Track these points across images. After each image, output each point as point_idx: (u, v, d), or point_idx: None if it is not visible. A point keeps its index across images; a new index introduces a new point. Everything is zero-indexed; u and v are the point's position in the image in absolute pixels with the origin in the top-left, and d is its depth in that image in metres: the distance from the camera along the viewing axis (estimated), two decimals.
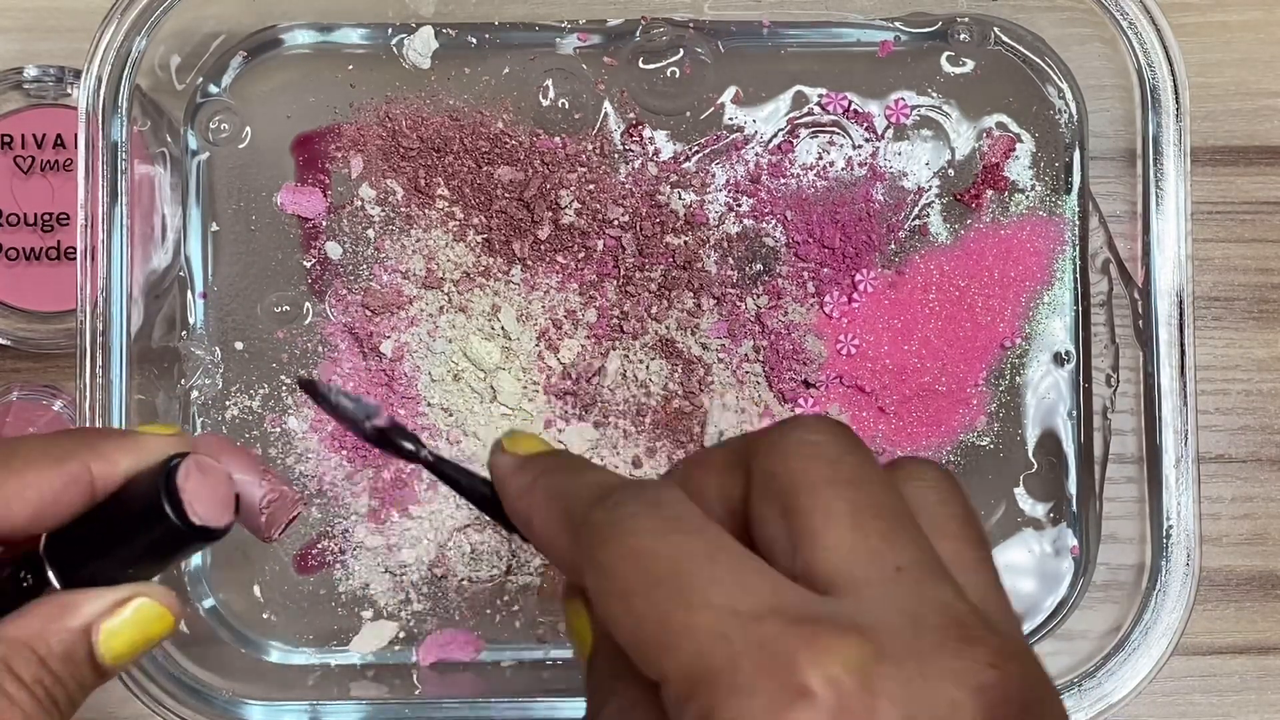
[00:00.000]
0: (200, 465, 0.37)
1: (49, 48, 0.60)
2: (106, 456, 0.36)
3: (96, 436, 0.37)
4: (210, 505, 0.36)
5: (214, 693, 0.53)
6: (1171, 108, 0.55)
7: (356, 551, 0.57)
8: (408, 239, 0.58)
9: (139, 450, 0.37)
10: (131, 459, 0.37)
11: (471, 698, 0.55)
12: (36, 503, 0.35)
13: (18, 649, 0.36)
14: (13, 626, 0.36)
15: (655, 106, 0.58)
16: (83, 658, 0.36)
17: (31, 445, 0.36)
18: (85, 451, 0.36)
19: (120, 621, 0.37)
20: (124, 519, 0.36)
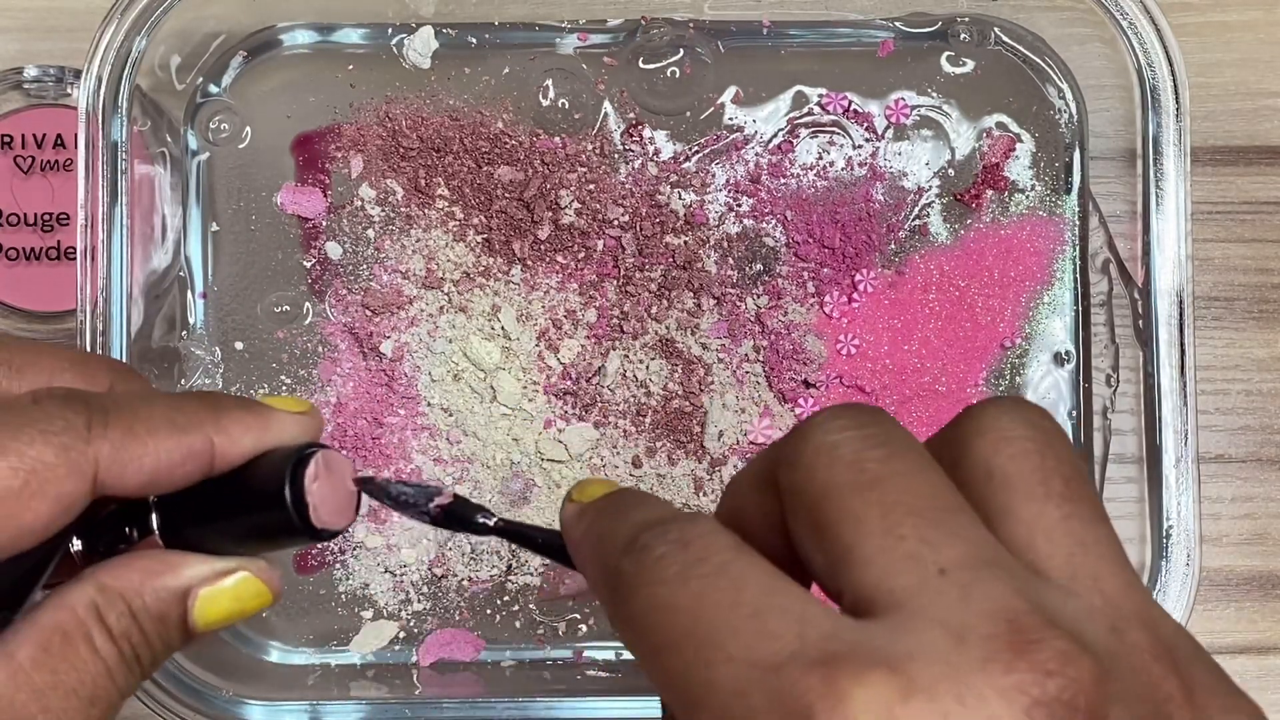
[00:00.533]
0: (329, 464, 0.36)
1: (49, 48, 0.60)
2: (230, 432, 0.35)
3: (223, 409, 0.35)
4: (332, 508, 0.35)
5: (214, 693, 0.53)
6: (1171, 107, 0.55)
7: (356, 551, 0.57)
8: (408, 239, 0.58)
9: (265, 430, 0.36)
10: (255, 437, 0.35)
11: (471, 698, 0.55)
12: (152, 471, 0.34)
13: (113, 599, 0.35)
14: (111, 575, 0.35)
15: (655, 106, 0.58)
16: (175, 620, 0.35)
17: (156, 410, 0.34)
18: (210, 425, 0.35)
19: (219, 590, 0.36)
20: (242, 499, 0.35)
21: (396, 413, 0.57)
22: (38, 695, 0.33)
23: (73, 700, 0.34)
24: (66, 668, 0.34)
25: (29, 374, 0.36)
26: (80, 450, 0.32)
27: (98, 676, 0.34)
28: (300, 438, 0.36)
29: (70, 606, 0.34)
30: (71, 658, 0.34)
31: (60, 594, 0.35)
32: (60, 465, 0.32)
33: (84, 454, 0.32)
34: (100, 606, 0.34)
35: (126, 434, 0.33)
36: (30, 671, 0.33)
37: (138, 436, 0.33)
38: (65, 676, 0.34)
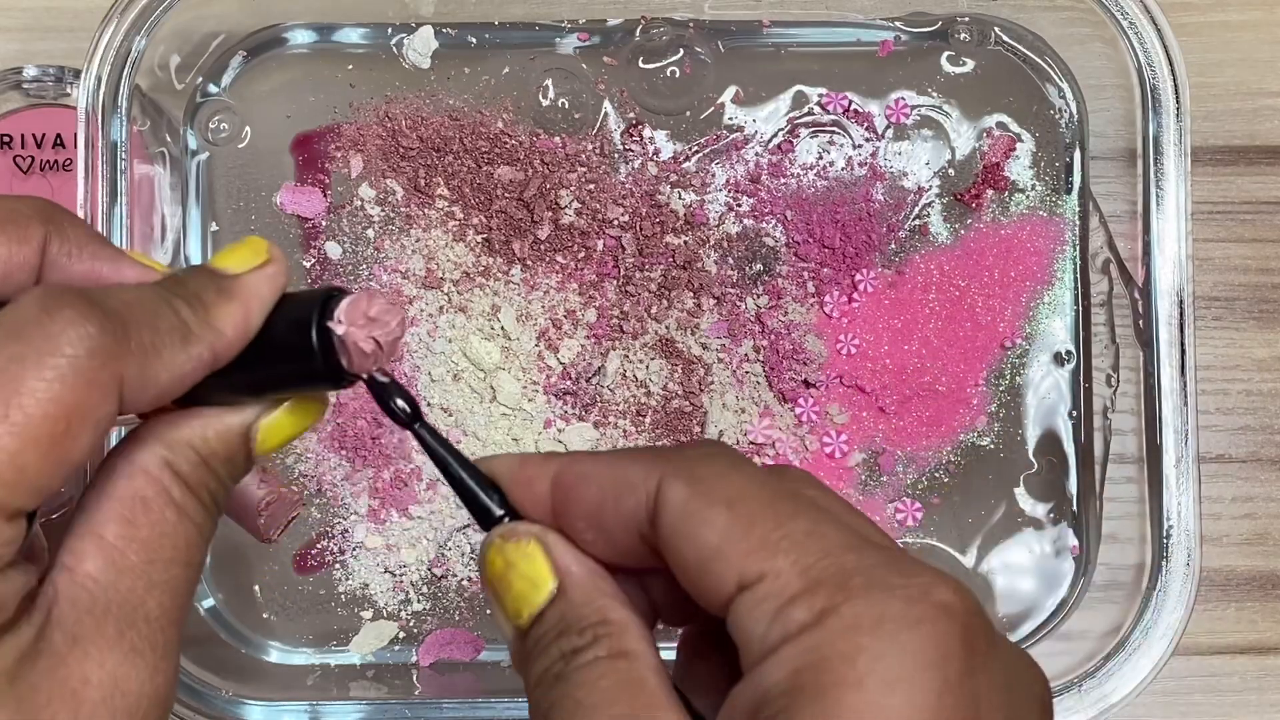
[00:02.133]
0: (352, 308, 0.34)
1: (48, 47, 0.60)
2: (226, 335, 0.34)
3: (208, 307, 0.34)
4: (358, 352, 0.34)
5: (214, 693, 0.53)
6: (1172, 107, 0.55)
7: (356, 551, 0.57)
8: (407, 239, 0.58)
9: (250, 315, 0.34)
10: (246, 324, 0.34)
11: (471, 698, 0.55)
12: (168, 385, 0.33)
13: (182, 450, 0.34)
14: (171, 429, 0.34)
15: (655, 106, 0.58)
16: (242, 457, 0.35)
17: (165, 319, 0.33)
18: (208, 332, 0.33)
19: (278, 416, 0.35)
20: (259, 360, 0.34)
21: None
22: (141, 575, 0.32)
23: (174, 569, 0.33)
24: (157, 537, 0.33)
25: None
26: (109, 373, 0.31)
27: (188, 534, 0.34)
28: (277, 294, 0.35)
29: (143, 469, 0.33)
30: (158, 524, 0.33)
31: (127, 459, 0.34)
32: (93, 395, 0.30)
33: (112, 376, 0.31)
34: (171, 461, 0.34)
35: (145, 352, 0.32)
36: (125, 551, 0.32)
37: (156, 352, 0.32)
38: (160, 549, 0.33)
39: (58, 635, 0.31)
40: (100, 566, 0.32)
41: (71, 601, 0.32)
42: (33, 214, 0.34)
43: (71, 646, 0.31)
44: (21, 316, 0.30)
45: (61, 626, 0.31)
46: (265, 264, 0.35)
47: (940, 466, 0.58)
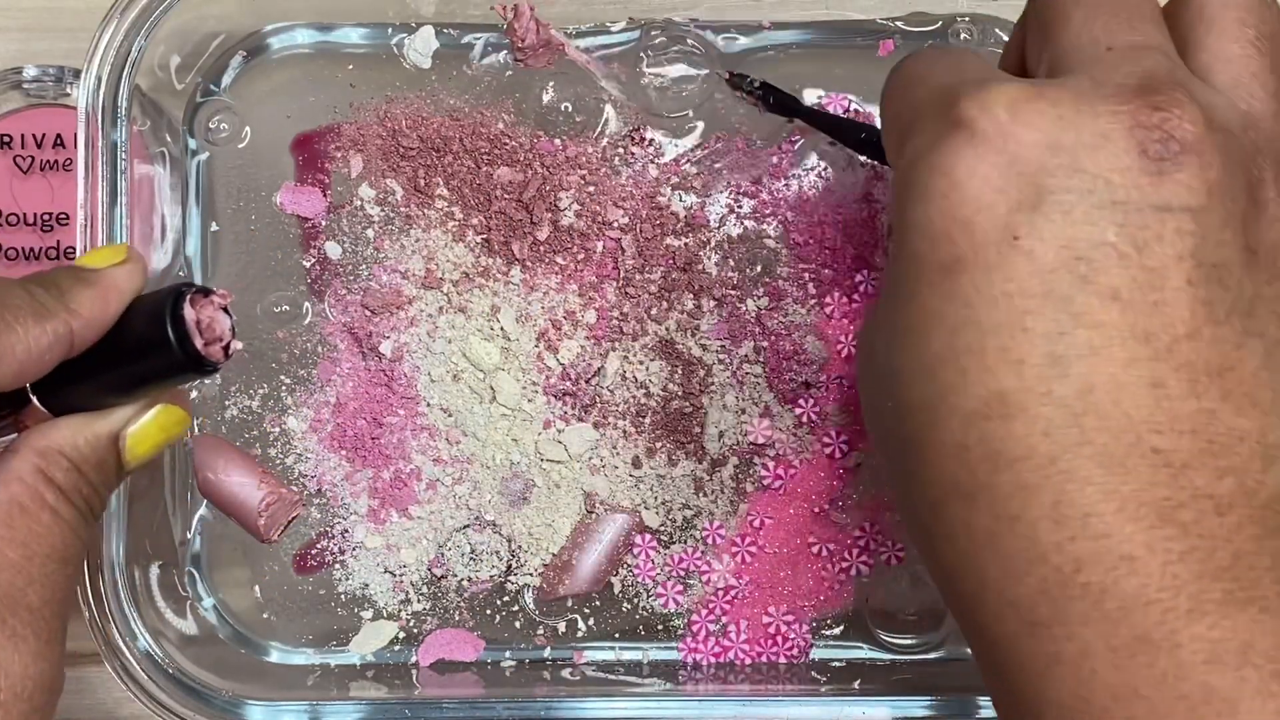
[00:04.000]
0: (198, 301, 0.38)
1: (48, 47, 0.60)
2: (83, 315, 0.36)
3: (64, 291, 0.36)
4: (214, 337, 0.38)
5: (214, 693, 0.53)
6: None
7: (356, 552, 0.57)
8: (407, 239, 0.58)
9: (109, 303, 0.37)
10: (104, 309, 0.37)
11: (471, 698, 0.55)
12: (23, 362, 0.35)
13: (54, 458, 0.36)
14: (42, 438, 0.36)
15: (656, 108, 0.58)
16: (112, 463, 0.37)
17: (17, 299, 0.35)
18: (64, 311, 0.36)
19: (144, 425, 0.38)
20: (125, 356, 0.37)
21: (396, 413, 0.57)
22: (20, 570, 0.34)
23: (51, 564, 0.35)
24: (34, 537, 0.35)
25: None
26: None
27: (65, 535, 0.36)
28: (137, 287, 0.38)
29: (18, 477, 0.35)
30: (35, 525, 0.35)
31: (4, 468, 0.35)
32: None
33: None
34: (44, 469, 0.36)
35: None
36: (3, 550, 0.34)
37: (9, 327, 0.34)
38: (38, 546, 0.35)
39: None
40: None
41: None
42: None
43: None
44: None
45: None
46: (124, 261, 0.38)
47: None
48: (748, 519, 0.57)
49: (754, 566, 0.57)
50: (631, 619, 0.58)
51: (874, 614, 0.58)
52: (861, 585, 0.57)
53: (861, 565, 0.57)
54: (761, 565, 0.57)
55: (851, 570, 0.57)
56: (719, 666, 0.57)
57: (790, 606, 0.57)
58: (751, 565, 0.57)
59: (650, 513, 0.57)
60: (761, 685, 0.56)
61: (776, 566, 0.57)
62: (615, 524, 0.57)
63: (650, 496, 0.57)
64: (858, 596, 0.57)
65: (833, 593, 0.57)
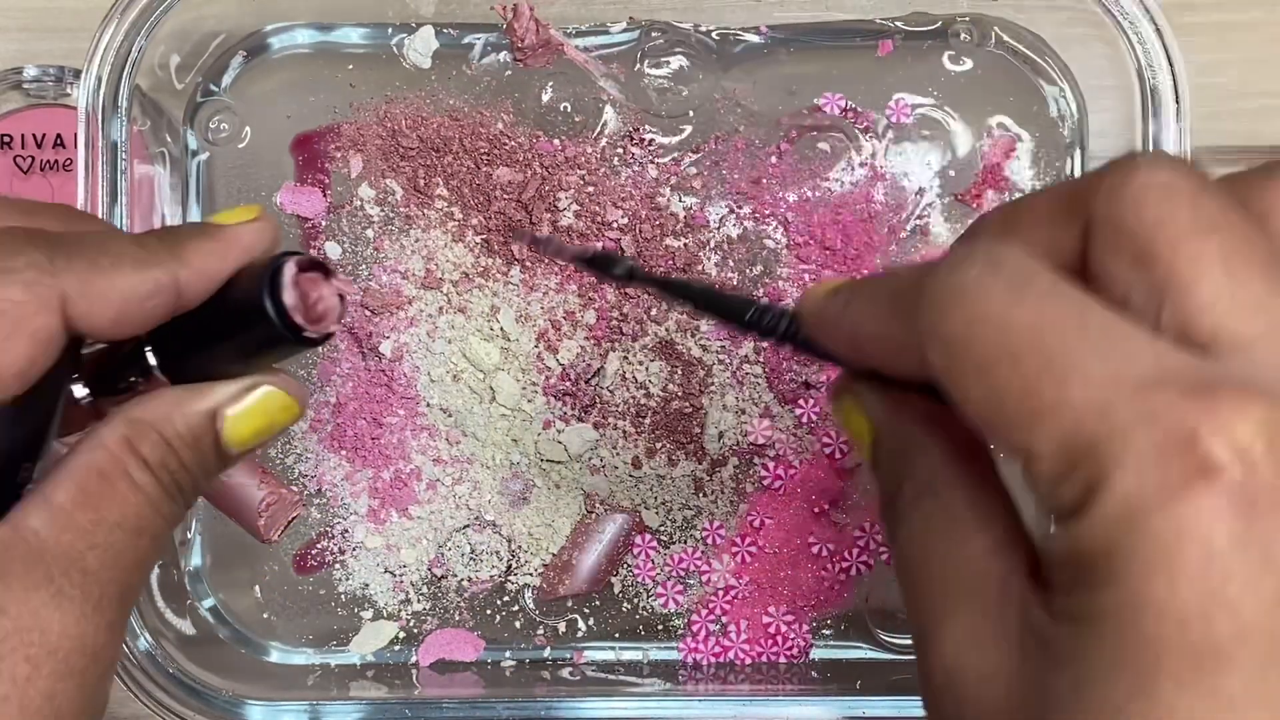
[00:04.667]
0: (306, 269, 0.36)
1: (48, 47, 0.60)
2: (192, 263, 0.35)
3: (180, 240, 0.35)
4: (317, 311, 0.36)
5: (214, 693, 0.53)
6: (1172, 108, 0.55)
7: (356, 552, 0.57)
8: (407, 239, 0.58)
9: (226, 252, 0.36)
10: (218, 261, 0.35)
11: (471, 698, 0.55)
12: (120, 304, 0.34)
13: (143, 431, 0.35)
14: (138, 409, 0.35)
15: (655, 108, 0.58)
16: (208, 444, 0.36)
17: (117, 245, 0.34)
18: (170, 258, 0.34)
19: (246, 407, 0.36)
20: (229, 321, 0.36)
21: (396, 413, 0.57)
22: (84, 534, 0.33)
23: (118, 534, 0.34)
24: (108, 504, 0.34)
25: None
26: (47, 285, 0.32)
27: (140, 508, 0.35)
28: (259, 246, 0.36)
29: (103, 444, 0.34)
30: (111, 494, 0.34)
31: (92, 436, 0.35)
32: (29, 301, 0.32)
33: (50, 288, 0.32)
34: (132, 439, 0.35)
35: (91, 267, 0.33)
36: (72, 512, 0.33)
37: (102, 270, 0.33)
38: (108, 513, 0.34)
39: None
40: (43, 522, 0.33)
41: (5, 546, 0.32)
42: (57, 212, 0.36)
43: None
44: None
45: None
46: (253, 219, 0.36)
47: None
48: (748, 519, 0.57)
49: (754, 566, 0.57)
50: (631, 619, 0.58)
51: (874, 614, 0.58)
52: (861, 585, 0.57)
53: (861, 565, 0.57)
54: (761, 565, 0.57)
55: (851, 570, 0.57)
56: (719, 666, 0.57)
57: (790, 606, 0.57)
58: (751, 565, 0.57)
59: (650, 513, 0.57)
60: (761, 685, 0.56)
61: (776, 566, 0.57)
62: (615, 524, 0.57)
63: (650, 496, 0.57)
64: (858, 596, 0.57)
65: (833, 593, 0.57)
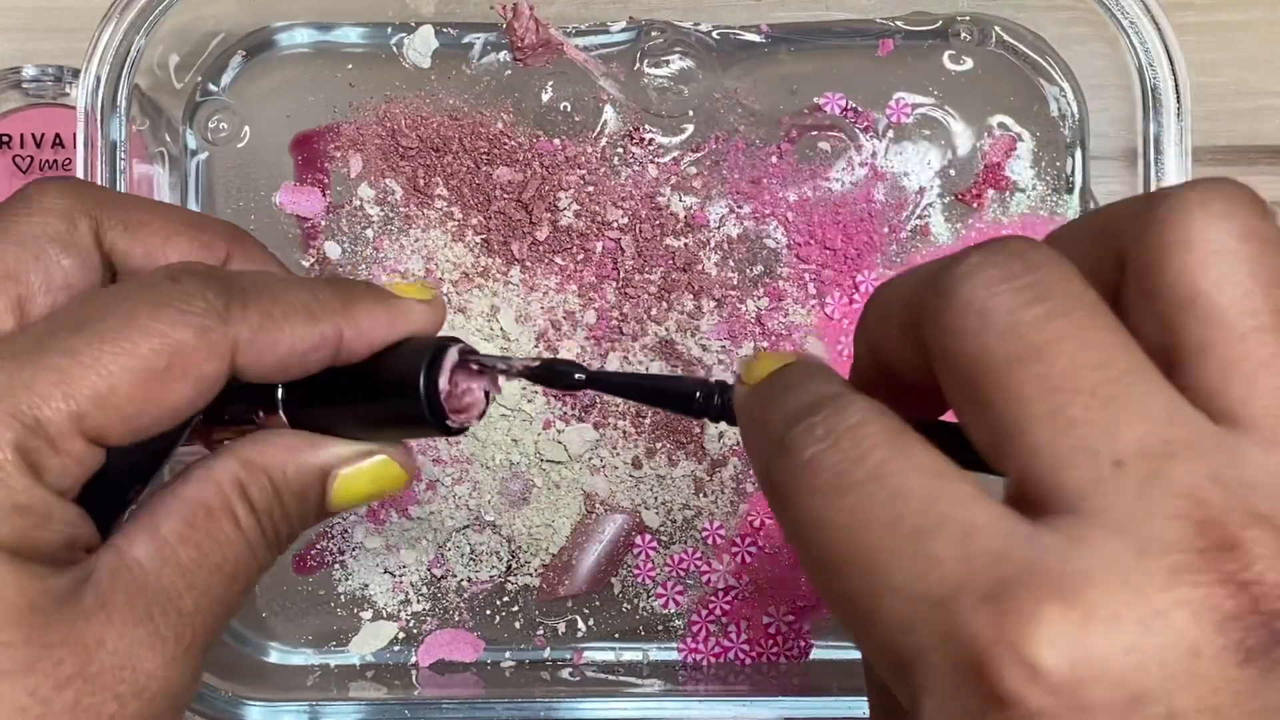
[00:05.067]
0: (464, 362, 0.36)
1: (47, 47, 0.60)
2: (359, 323, 0.35)
3: (354, 299, 0.35)
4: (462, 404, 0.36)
5: (213, 693, 0.53)
6: (1172, 107, 0.55)
7: (355, 552, 0.57)
8: (406, 239, 0.57)
9: (393, 322, 0.36)
10: (384, 329, 0.35)
11: (471, 698, 0.55)
12: (285, 356, 0.34)
13: (256, 474, 0.35)
14: (255, 450, 0.35)
15: (655, 107, 0.58)
16: (314, 497, 0.36)
17: (292, 295, 0.34)
18: (341, 314, 0.34)
19: (360, 471, 0.36)
20: (375, 388, 0.35)
21: None
22: (185, 573, 0.33)
23: (217, 577, 0.34)
24: (211, 544, 0.34)
25: (143, 234, 0.36)
26: (220, 332, 0.32)
27: (240, 552, 0.34)
28: (425, 327, 0.36)
29: (215, 480, 0.34)
30: (215, 533, 0.34)
31: (204, 468, 0.34)
32: (201, 348, 0.32)
33: (223, 336, 0.32)
34: (244, 481, 0.34)
35: (264, 317, 0.33)
36: (176, 547, 0.33)
37: (274, 320, 0.33)
38: (210, 553, 0.33)
39: (89, 595, 0.31)
40: (148, 554, 0.33)
41: (111, 574, 0.32)
42: (217, 227, 0.38)
43: (98, 608, 0.31)
44: (151, 276, 0.33)
45: (95, 589, 0.31)
46: (428, 300, 0.36)
47: None
48: (748, 519, 0.57)
49: (754, 566, 0.57)
50: (631, 619, 0.58)
51: None
52: None
53: None
54: (761, 565, 0.57)
55: None
56: (719, 666, 0.57)
57: (790, 606, 0.57)
58: (751, 565, 0.57)
59: (650, 513, 0.57)
60: (761, 685, 0.56)
61: (776, 566, 0.57)
62: (615, 524, 0.57)
63: (650, 496, 0.57)
64: None
65: None
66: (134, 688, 0.32)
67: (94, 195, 0.36)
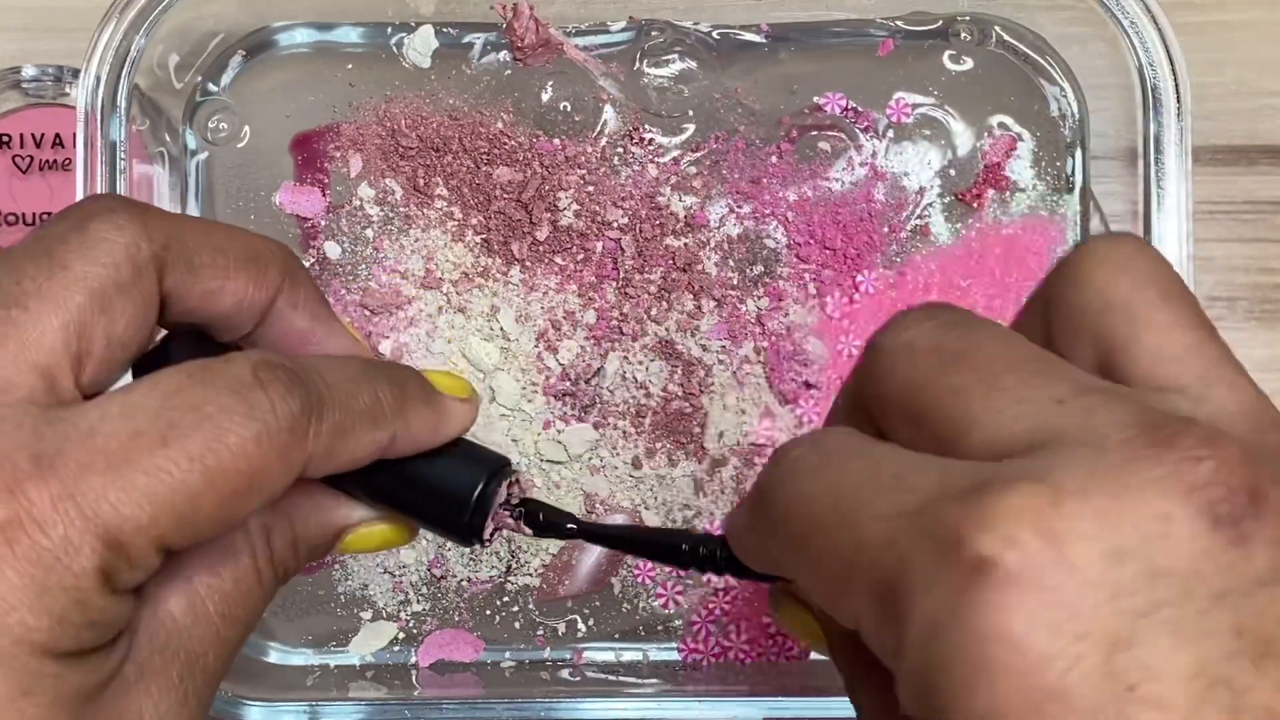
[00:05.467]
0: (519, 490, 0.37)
1: (47, 47, 0.60)
2: (411, 428, 0.35)
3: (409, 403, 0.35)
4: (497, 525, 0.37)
5: None
6: (1173, 107, 0.55)
7: None
8: (406, 239, 0.57)
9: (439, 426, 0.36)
10: (430, 433, 0.36)
11: (471, 698, 0.55)
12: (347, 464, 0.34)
13: (281, 526, 0.35)
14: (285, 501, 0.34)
15: (655, 107, 0.58)
16: (323, 551, 0.36)
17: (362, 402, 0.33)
18: (398, 421, 0.34)
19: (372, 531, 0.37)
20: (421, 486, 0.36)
21: None
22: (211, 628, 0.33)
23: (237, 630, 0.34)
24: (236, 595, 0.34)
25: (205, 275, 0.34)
26: (300, 451, 0.31)
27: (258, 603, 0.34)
28: (464, 429, 0.37)
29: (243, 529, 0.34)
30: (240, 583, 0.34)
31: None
32: (282, 472, 0.31)
33: (302, 454, 0.32)
34: (269, 529, 0.34)
35: (337, 433, 0.33)
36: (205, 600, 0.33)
37: (345, 433, 0.33)
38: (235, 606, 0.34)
39: (130, 666, 0.31)
40: (182, 609, 0.33)
41: (149, 636, 0.32)
42: (274, 260, 0.35)
43: (138, 679, 0.31)
44: (236, 375, 0.31)
45: (135, 658, 0.31)
46: (466, 399, 0.37)
47: None
48: None
49: None
50: (631, 619, 0.57)
51: None
52: None
53: None
54: None
55: None
56: (719, 666, 0.57)
57: None
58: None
59: (650, 513, 0.57)
60: (761, 685, 0.56)
61: None
62: (615, 524, 0.57)
63: (650, 496, 0.57)
64: None
65: None
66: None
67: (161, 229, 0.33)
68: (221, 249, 0.35)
